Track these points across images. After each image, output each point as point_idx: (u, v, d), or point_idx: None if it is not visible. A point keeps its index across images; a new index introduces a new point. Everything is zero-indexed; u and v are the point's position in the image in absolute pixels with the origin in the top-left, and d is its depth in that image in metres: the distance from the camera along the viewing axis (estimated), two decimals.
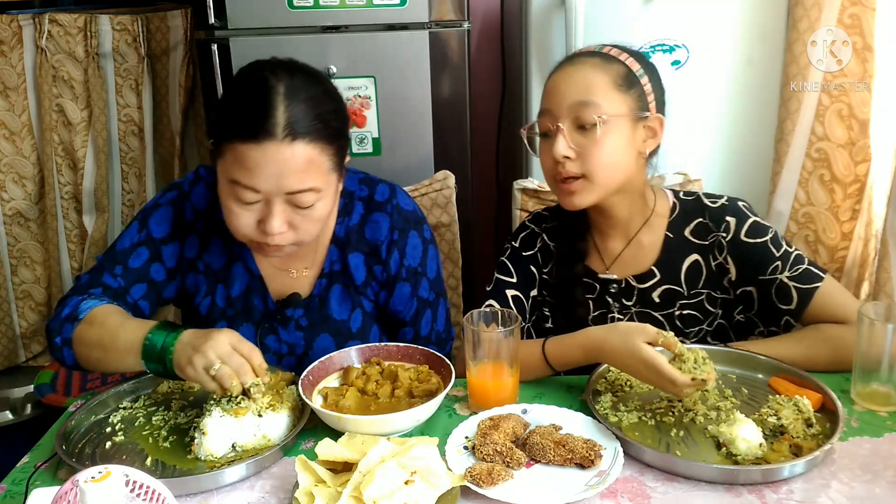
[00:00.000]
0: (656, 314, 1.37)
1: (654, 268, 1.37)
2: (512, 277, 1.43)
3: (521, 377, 1.22)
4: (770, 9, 1.98)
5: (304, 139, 1.14)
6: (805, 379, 1.18)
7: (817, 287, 1.29)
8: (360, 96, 2.07)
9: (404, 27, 2.03)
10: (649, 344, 1.12)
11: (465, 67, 2.08)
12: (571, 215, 1.40)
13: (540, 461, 1.04)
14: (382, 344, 1.30)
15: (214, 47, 2.02)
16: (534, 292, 1.44)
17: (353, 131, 2.13)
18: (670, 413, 1.15)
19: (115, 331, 1.19)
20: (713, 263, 1.35)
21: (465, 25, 2.06)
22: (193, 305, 1.38)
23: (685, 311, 1.37)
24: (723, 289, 1.36)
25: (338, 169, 1.23)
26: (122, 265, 1.33)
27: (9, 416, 2.44)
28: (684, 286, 1.36)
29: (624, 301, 1.38)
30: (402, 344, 1.29)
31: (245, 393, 1.10)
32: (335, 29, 2.03)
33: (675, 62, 1.99)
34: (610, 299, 1.39)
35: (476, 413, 1.17)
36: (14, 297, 2.55)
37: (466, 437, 1.10)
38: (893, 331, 1.12)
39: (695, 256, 1.36)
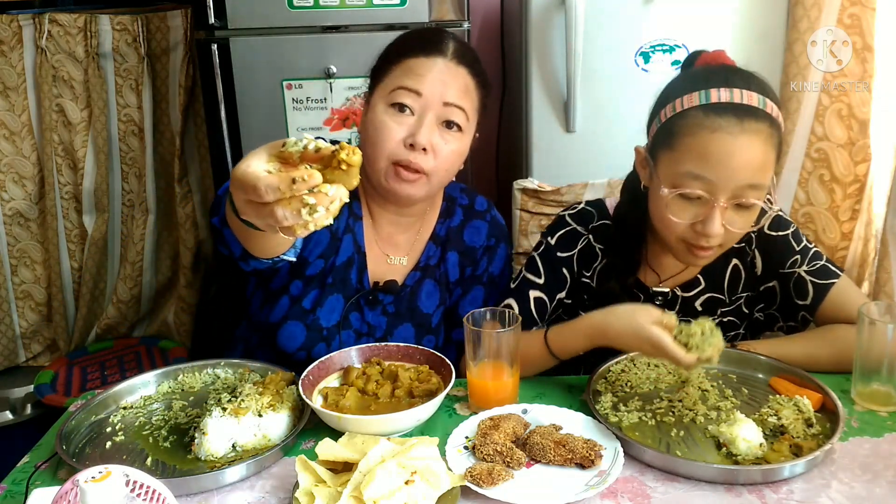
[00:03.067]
0: None
1: (699, 276, 1.35)
2: (539, 278, 1.37)
3: (523, 371, 1.22)
4: (770, 9, 1.98)
5: (467, 68, 1.31)
6: (805, 379, 1.18)
7: (833, 283, 1.29)
8: (360, 96, 2.07)
9: (404, 27, 2.02)
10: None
11: None
12: (627, 225, 1.34)
13: (540, 461, 1.04)
14: (382, 344, 1.30)
15: (214, 47, 2.02)
16: (561, 294, 1.38)
17: (354, 131, 2.13)
18: (670, 413, 1.15)
19: None
20: (747, 261, 1.35)
21: (465, 25, 2.06)
22: (302, 257, 1.34)
23: (726, 319, 1.36)
24: (754, 287, 1.35)
25: (478, 119, 1.36)
26: None
27: (9, 416, 2.44)
28: (726, 293, 1.35)
29: (667, 311, 1.35)
30: (402, 344, 1.30)
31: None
32: (335, 29, 2.03)
33: (675, 62, 1.99)
34: None
35: (476, 413, 1.17)
36: (14, 297, 2.55)
37: (466, 437, 1.10)
38: (894, 331, 1.12)
39: (734, 261, 1.35)
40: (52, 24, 2.32)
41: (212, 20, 2.00)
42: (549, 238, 1.40)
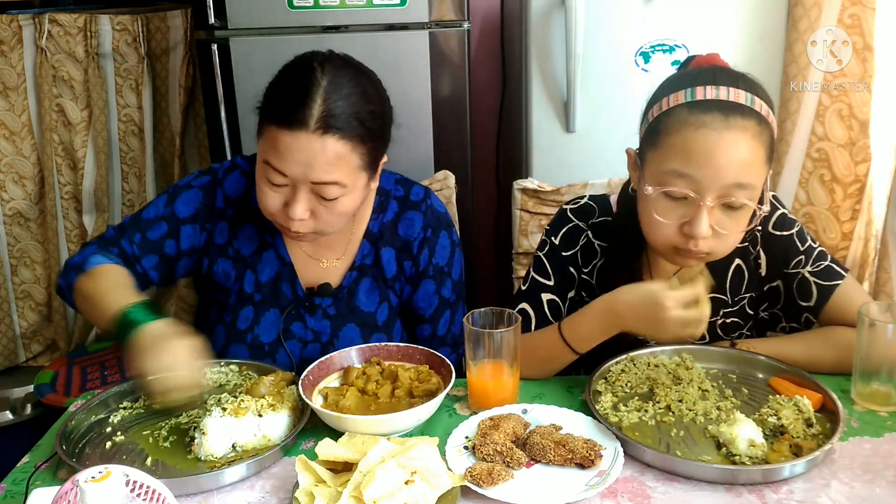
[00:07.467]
0: None
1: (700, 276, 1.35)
2: (549, 280, 1.36)
3: (542, 371, 1.22)
4: (770, 9, 1.98)
5: (336, 134, 1.17)
6: (805, 379, 1.18)
7: (837, 285, 1.28)
8: None
9: (404, 27, 2.03)
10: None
11: (465, 67, 2.08)
12: (627, 228, 1.30)
13: (540, 461, 1.04)
14: (382, 344, 1.30)
15: (214, 47, 2.02)
16: (571, 293, 1.37)
17: None
18: (670, 413, 1.15)
19: (105, 291, 1.23)
20: (751, 260, 1.34)
21: (465, 25, 2.06)
22: (224, 291, 1.40)
23: (728, 320, 1.35)
24: (758, 287, 1.34)
25: (369, 168, 1.25)
26: (142, 234, 1.36)
27: (9, 416, 2.44)
28: (728, 294, 1.34)
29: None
30: (402, 344, 1.30)
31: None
32: (335, 29, 2.02)
33: (675, 62, 1.99)
34: None
35: (476, 413, 1.17)
36: (14, 297, 2.55)
37: (466, 437, 1.10)
38: (894, 331, 1.12)
39: (737, 261, 1.33)
40: (52, 24, 2.32)
41: (212, 20, 2.00)
42: (552, 238, 1.38)
